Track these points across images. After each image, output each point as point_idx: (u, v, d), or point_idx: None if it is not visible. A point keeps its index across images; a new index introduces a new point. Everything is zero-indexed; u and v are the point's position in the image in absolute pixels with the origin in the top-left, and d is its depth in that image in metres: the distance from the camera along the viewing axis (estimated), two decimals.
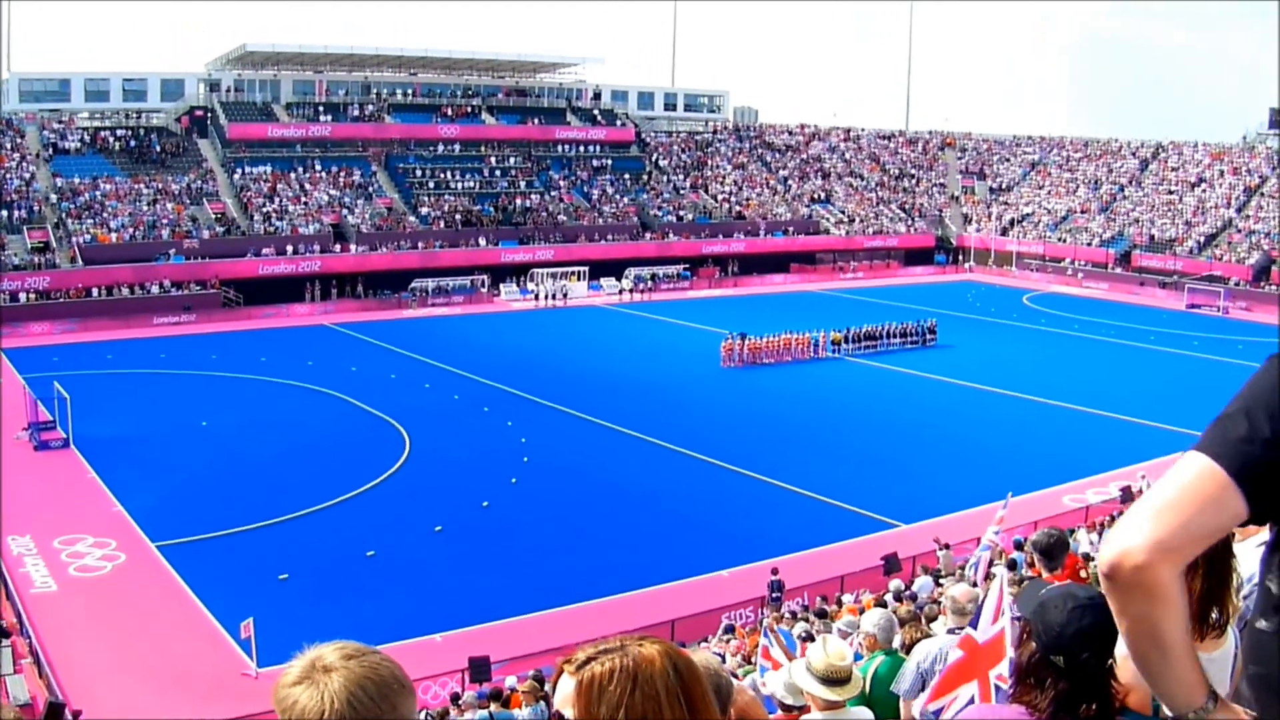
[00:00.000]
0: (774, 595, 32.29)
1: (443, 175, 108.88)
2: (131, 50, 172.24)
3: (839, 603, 28.71)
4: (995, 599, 8.00)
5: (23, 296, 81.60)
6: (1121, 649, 3.43)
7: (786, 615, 28.31)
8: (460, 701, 24.12)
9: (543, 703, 20.12)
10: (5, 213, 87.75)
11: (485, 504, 43.07)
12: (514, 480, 46.00)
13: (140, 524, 40.77)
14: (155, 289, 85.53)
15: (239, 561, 37.61)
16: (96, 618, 33.32)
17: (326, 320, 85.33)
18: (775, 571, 33.23)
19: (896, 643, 11.37)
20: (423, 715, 22.71)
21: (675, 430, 52.81)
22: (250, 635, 29.22)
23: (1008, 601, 7.59)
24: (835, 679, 7.71)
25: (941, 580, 27.82)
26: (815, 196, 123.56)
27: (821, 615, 25.88)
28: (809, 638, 18.86)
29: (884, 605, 20.88)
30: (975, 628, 8.10)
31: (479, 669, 26.80)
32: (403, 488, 45.43)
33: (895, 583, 28.28)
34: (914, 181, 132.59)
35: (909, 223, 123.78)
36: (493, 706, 21.78)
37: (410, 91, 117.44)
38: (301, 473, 47.18)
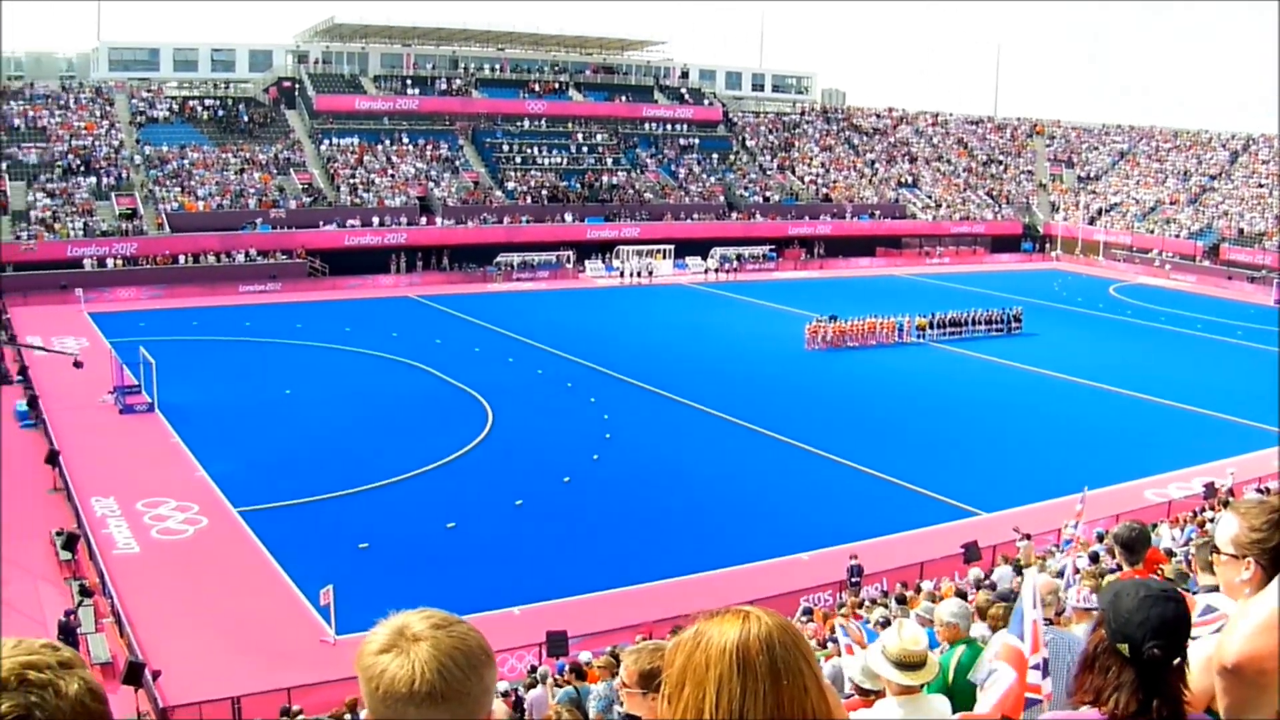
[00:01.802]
0: (853, 580, 31.88)
1: (529, 151, 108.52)
2: (220, 21, 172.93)
3: (918, 589, 28.09)
4: (1028, 596, 7.60)
5: (110, 262, 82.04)
6: (1198, 653, 3.66)
7: (866, 601, 27.99)
8: (537, 674, 23.84)
9: (618, 678, 19.54)
10: (94, 179, 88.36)
11: (566, 479, 42.80)
12: (595, 457, 45.66)
13: (223, 489, 40.82)
14: (241, 257, 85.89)
15: (320, 529, 37.57)
16: (177, 580, 33.30)
17: (412, 292, 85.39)
18: (854, 556, 32.81)
19: (975, 633, 11.20)
20: (503, 687, 22.40)
21: (758, 411, 52.18)
22: (329, 602, 29.14)
23: (1035, 600, 7.33)
24: (909, 664, 7.51)
25: (1021, 570, 27.17)
26: (902, 180, 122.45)
27: (900, 601, 25.50)
28: (886, 623, 18.42)
29: (963, 595, 20.99)
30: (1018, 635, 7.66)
31: (556, 643, 26.59)
32: (485, 461, 45.16)
33: (974, 571, 28.01)
34: (1001, 168, 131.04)
35: (996, 209, 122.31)
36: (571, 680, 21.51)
37: (498, 66, 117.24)
38: (384, 443, 46.98)
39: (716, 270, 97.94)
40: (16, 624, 29.06)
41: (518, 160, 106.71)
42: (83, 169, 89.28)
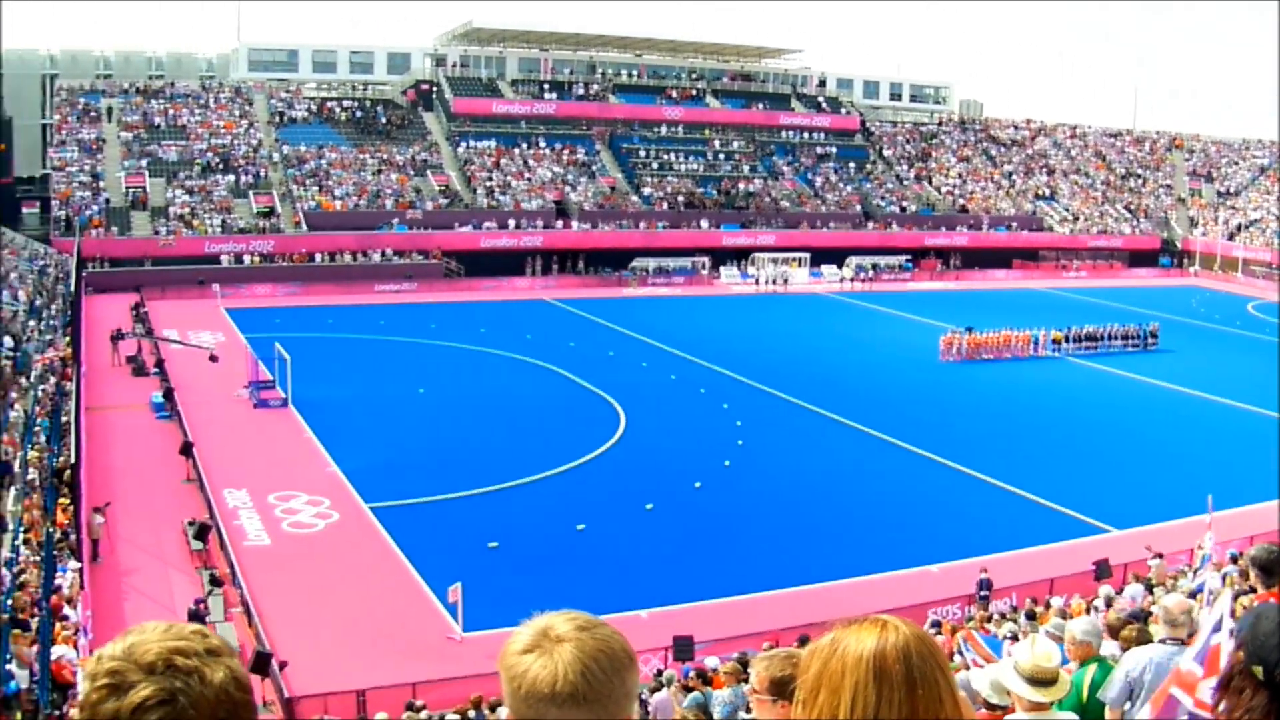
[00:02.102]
0: (982, 594, 31.16)
1: (666, 156, 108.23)
2: (359, 24, 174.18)
3: (1047, 605, 27.16)
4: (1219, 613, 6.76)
5: (247, 259, 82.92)
6: None
7: (995, 615, 27.48)
8: (662, 678, 23.46)
9: (743, 685, 19.20)
10: (233, 178, 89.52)
11: (697, 485, 42.18)
12: (727, 463, 44.98)
13: (354, 485, 40.80)
14: (377, 257, 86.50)
15: (450, 527, 37.41)
16: (306, 573, 33.33)
17: (547, 295, 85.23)
18: (985, 570, 32.10)
19: (1106, 651, 11.06)
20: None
21: (890, 421, 51.24)
22: (457, 600, 28.96)
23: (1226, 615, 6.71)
24: (1041, 680, 7.39)
25: (1153, 589, 26.10)
26: (1039, 193, 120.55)
27: (1030, 617, 24.99)
28: (1015, 638, 18.36)
29: (1093, 612, 20.68)
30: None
31: (683, 648, 26.18)
32: (616, 464, 44.81)
33: (1105, 589, 26.96)
34: (1140, 181, 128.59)
35: (1134, 223, 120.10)
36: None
37: (635, 72, 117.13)
38: (516, 444, 46.79)
39: (852, 279, 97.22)
40: (147, 610, 29.26)
41: (654, 166, 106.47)
42: (221, 167, 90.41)
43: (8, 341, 50.72)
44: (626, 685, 2.69)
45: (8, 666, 23.21)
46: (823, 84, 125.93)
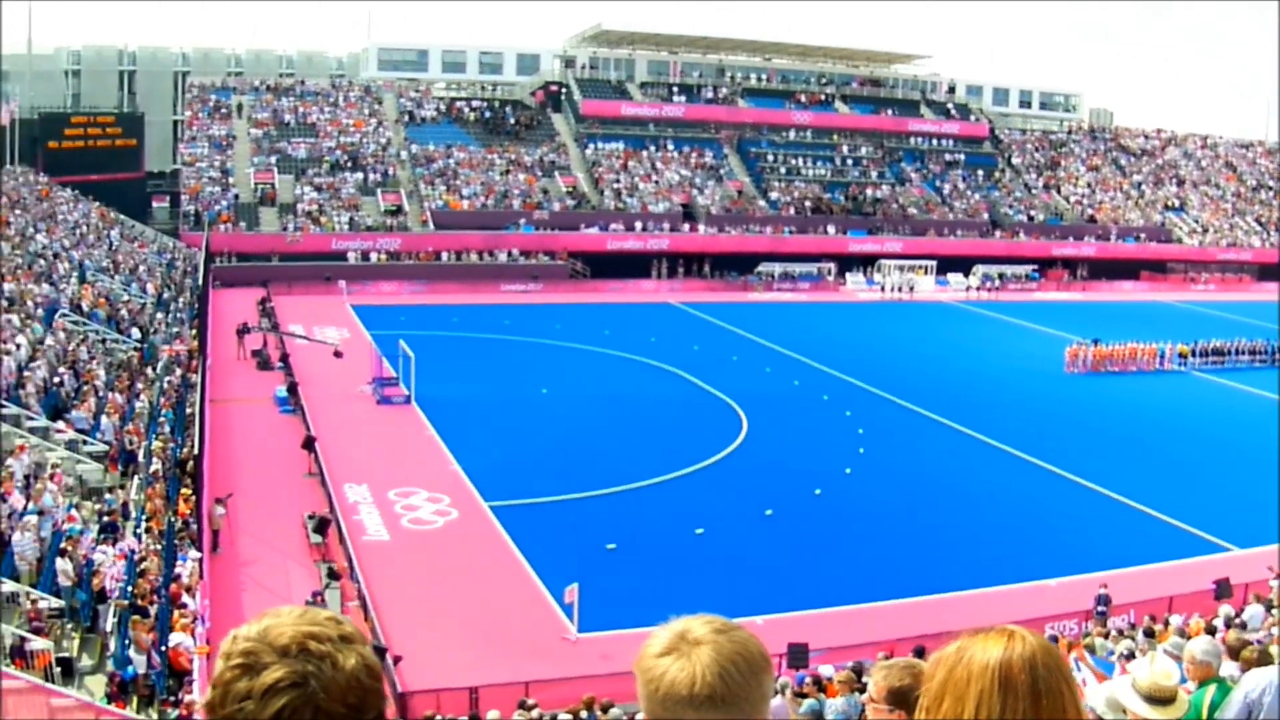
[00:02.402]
0: (1099, 609, 30.49)
1: (794, 161, 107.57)
2: (488, 25, 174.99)
3: (1165, 623, 26.28)
4: None
5: (374, 256, 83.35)
6: None
7: (1112, 631, 26.79)
8: (777, 684, 22.71)
9: (857, 694, 19.09)
10: (361, 175, 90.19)
11: (818, 492, 41.80)
12: (848, 470, 44.57)
13: (475, 483, 40.89)
14: (504, 257, 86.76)
15: (568, 528, 37.36)
16: (424, 569, 33.45)
17: (672, 298, 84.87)
18: (1104, 585, 31.44)
19: (1225, 671, 10.77)
20: None
21: (1013, 432, 50.50)
22: (574, 600, 29.00)
23: None
24: (1159, 698, 7.28)
25: (1274, 610, 25.16)
26: (1169, 204, 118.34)
27: (1149, 635, 24.14)
28: (1131, 656, 18.10)
29: (1212, 631, 19.98)
30: None
31: (797, 655, 25.78)
32: (737, 469, 44.50)
33: (1225, 609, 26.32)
34: (1271, 194, 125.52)
35: (1265, 236, 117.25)
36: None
37: (764, 76, 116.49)
38: (637, 446, 46.73)
39: (978, 288, 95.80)
40: (264, 601, 29.05)
41: (782, 170, 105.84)
42: (350, 165, 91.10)
43: (135, 333, 51.21)
44: (763, 688, 2.68)
45: (126, 652, 23.28)
46: (952, 90, 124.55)
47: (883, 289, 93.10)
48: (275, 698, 2.28)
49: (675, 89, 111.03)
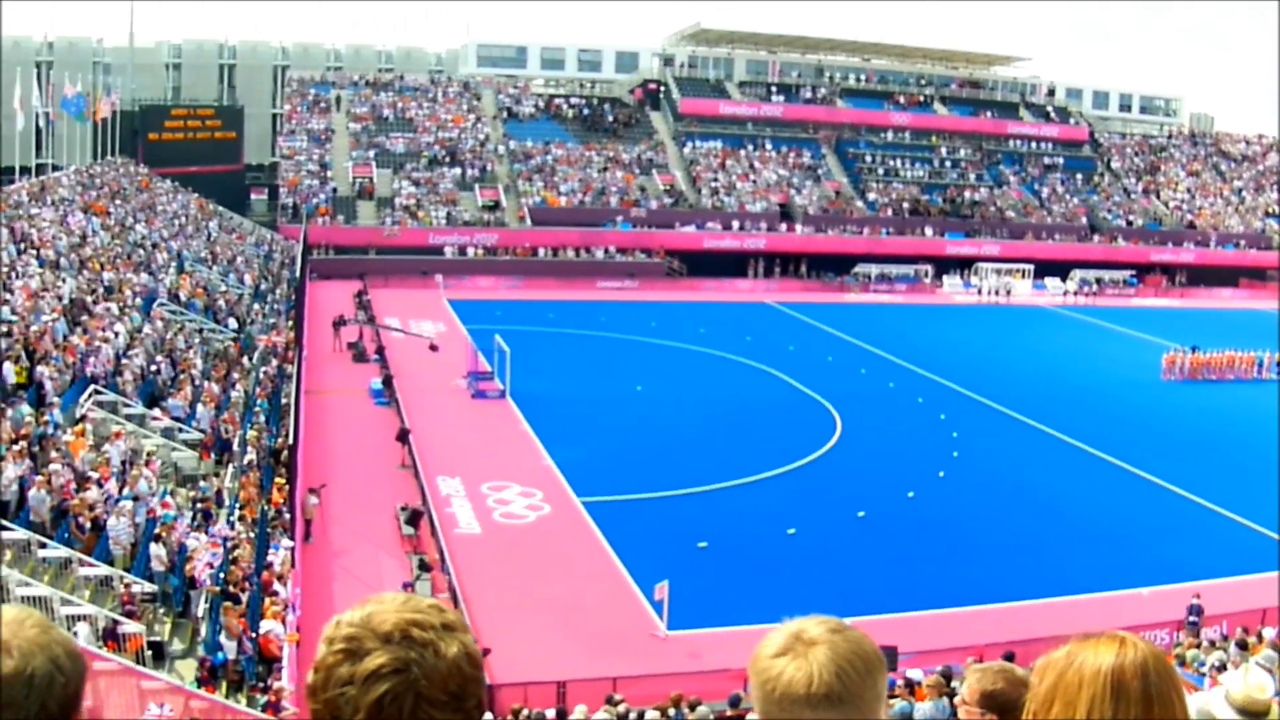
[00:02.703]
0: (1191, 620, 30.02)
1: (892, 162, 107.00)
2: (588, 23, 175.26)
3: (1259, 636, 25.67)
4: None
5: (471, 251, 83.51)
6: None
7: (1204, 643, 26.59)
8: None
9: (946, 698, 18.84)
10: (459, 171, 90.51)
11: (910, 494, 41.59)
12: (941, 474, 44.23)
13: (567, 478, 40.94)
14: (600, 254, 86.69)
15: (660, 525, 37.31)
16: (515, 563, 33.46)
17: (768, 298, 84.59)
18: (1197, 596, 30.90)
19: None
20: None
21: (1108, 438, 49.70)
22: (664, 597, 28.76)
23: None
24: (1253, 711, 6.38)
25: None
26: (1270, 210, 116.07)
27: (1241, 647, 23.85)
28: (1223, 667, 18.19)
29: None
30: None
31: (886, 658, 24.74)
32: (830, 469, 44.32)
33: None
34: None
35: None
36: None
37: (863, 76, 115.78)
38: (730, 445, 46.56)
39: (1075, 293, 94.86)
40: (355, 591, 29.06)
41: (880, 171, 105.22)
42: (448, 160, 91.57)
43: (232, 323, 51.50)
44: (877, 687, 2.66)
45: (217, 637, 23.33)
46: (1051, 93, 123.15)
47: (979, 292, 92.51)
48: (377, 684, 2.27)
49: (774, 88, 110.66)
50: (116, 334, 39.86)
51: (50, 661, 2.38)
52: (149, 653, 22.73)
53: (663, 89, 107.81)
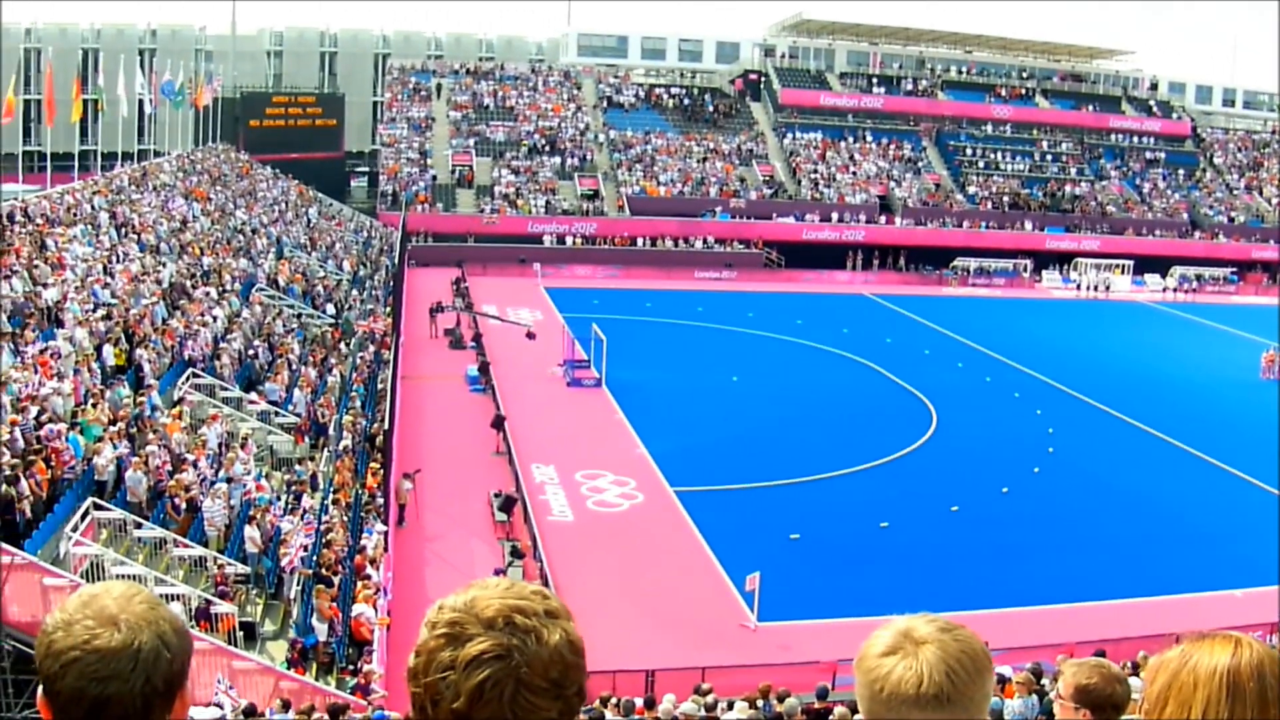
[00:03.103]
0: None
1: (993, 155, 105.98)
2: (689, 13, 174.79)
3: None
4: None
5: (569, 240, 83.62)
6: None
7: None
8: None
9: (1035, 696, 19.05)
10: (558, 159, 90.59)
11: (1005, 490, 41.24)
12: (1036, 470, 43.81)
13: (661, 468, 40.91)
14: (699, 244, 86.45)
15: (753, 516, 37.24)
16: (606, 551, 33.57)
17: (866, 290, 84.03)
18: None
19: None
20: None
21: (1204, 437, 48.98)
22: (755, 589, 28.75)
23: None
24: None
25: None
26: None
27: None
28: None
29: None
30: None
31: None
32: (924, 463, 44.05)
33: None
34: None
35: None
36: None
37: (964, 69, 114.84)
38: (824, 437, 46.44)
39: (1175, 289, 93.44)
40: (447, 576, 29.67)
41: (980, 165, 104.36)
42: (548, 149, 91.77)
43: (330, 309, 51.81)
44: (985, 687, 2.64)
45: (309, 620, 23.44)
46: (1154, 87, 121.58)
47: (1078, 287, 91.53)
48: (478, 669, 2.27)
49: (875, 80, 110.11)
50: (215, 318, 40.25)
51: (157, 637, 2.43)
52: (241, 633, 22.94)
53: (763, 79, 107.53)
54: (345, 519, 29.19)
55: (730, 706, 20.63)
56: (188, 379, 34.68)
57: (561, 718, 2.35)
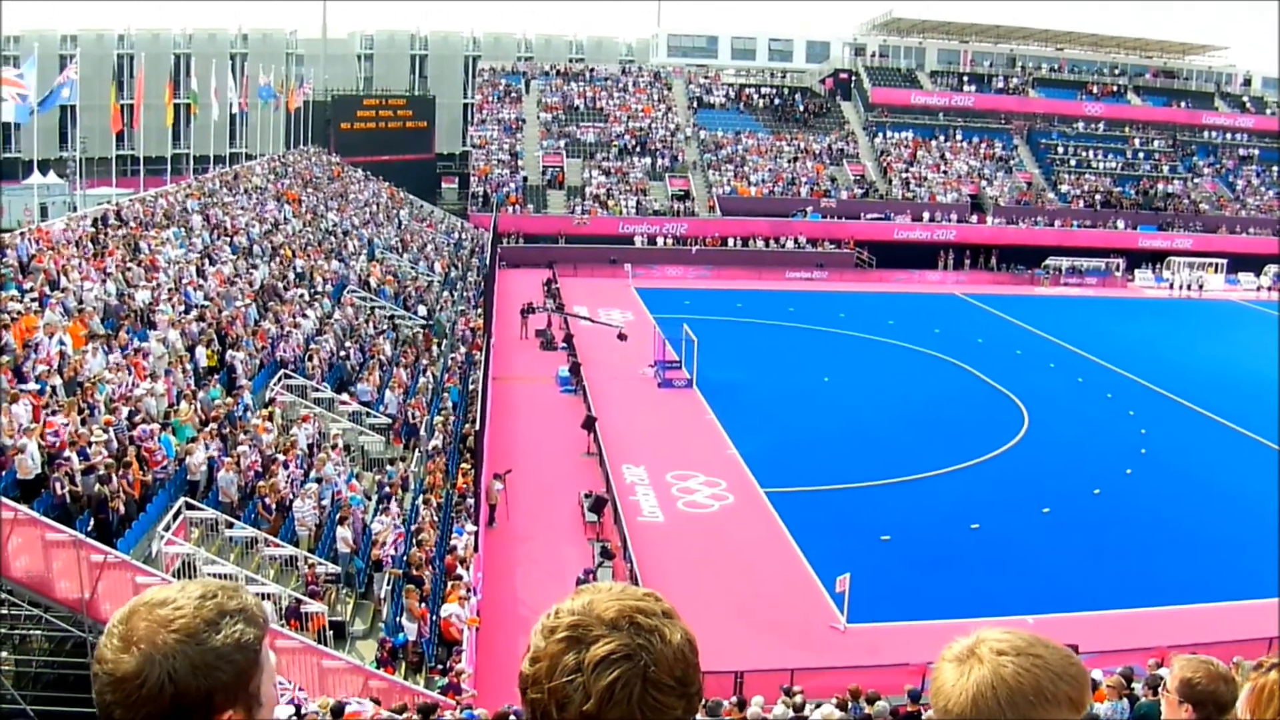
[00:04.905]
0: None
1: (1084, 153, 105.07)
2: (778, 12, 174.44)
3: None
4: None
5: (660, 240, 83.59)
6: None
7: None
8: None
9: (1125, 700, 18.77)
10: (649, 160, 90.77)
11: (1096, 491, 40.75)
12: (1129, 471, 43.28)
13: (752, 469, 40.78)
14: (790, 244, 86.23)
15: (844, 517, 37.12)
16: (697, 552, 33.44)
17: (957, 290, 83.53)
18: None
19: None
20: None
21: None
22: (845, 590, 28.63)
23: None
24: None
25: None
26: None
27: None
28: None
29: None
30: None
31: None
32: (1015, 464, 43.68)
33: None
34: None
35: None
36: None
37: (1055, 66, 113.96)
38: (915, 438, 46.14)
39: (1269, 288, 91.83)
40: (537, 577, 30.13)
41: (1072, 163, 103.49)
42: (638, 150, 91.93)
43: (421, 310, 52.02)
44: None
45: (399, 619, 23.51)
46: (1248, 83, 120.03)
47: (1171, 286, 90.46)
48: (608, 670, 2.26)
49: (965, 78, 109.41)
50: (307, 319, 40.47)
51: (171, 672, 2.36)
52: (330, 632, 23.07)
53: (854, 78, 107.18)
54: (436, 519, 29.31)
55: (819, 708, 20.52)
56: (279, 380, 34.95)
57: (685, 715, 2.35)
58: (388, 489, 30.30)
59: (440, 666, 23.06)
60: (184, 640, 2.39)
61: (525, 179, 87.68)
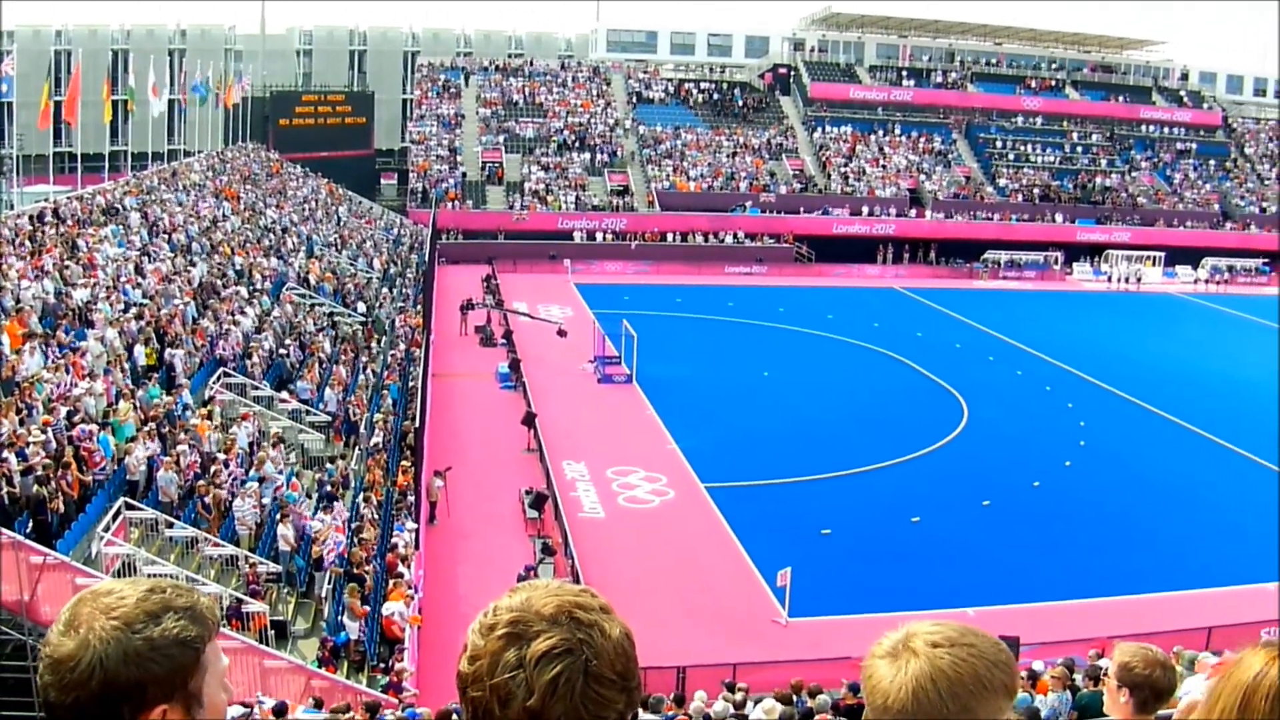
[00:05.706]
0: None
1: (1023, 148, 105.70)
2: (717, 7, 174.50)
3: None
4: None
5: (599, 236, 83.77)
6: None
7: None
8: None
9: (1068, 691, 18.89)
10: (588, 155, 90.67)
11: (1036, 484, 41.14)
12: (1068, 463, 43.70)
13: (692, 464, 40.91)
14: (729, 239, 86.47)
15: (784, 511, 37.26)
16: (638, 548, 33.58)
17: (896, 284, 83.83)
18: None
19: None
20: None
21: (1237, 430, 48.60)
22: (786, 584, 28.81)
23: None
24: None
25: None
26: None
27: None
28: None
29: None
30: None
31: (1009, 649, 24.47)
32: (955, 458, 43.95)
33: None
34: None
35: None
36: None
37: (994, 61, 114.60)
38: (855, 432, 46.46)
39: (1206, 281, 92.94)
40: (478, 574, 30.06)
41: (1011, 157, 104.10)
42: (577, 145, 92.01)
43: (361, 307, 51.90)
44: (970, 713, 2.51)
45: (340, 618, 23.50)
46: (1185, 77, 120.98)
47: (1109, 279, 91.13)
48: (550, 664, 2.28)
49: (904, 73, 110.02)
50: (246, 317, 40.32)
51: (104, 657, 2.38)
52: (272, 632, 23.03)
53: (793, 73, 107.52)
54: (376, 517, 29.26)
55: (760, 702, 20.62)
56: (219, 378, 34.81)
57: (626, 710, 2.37)
58: (328, 487, 30.24)
59: (382, 665, 23.01)
60: (121, 628, 2.41)
61: (464, 175, 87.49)
